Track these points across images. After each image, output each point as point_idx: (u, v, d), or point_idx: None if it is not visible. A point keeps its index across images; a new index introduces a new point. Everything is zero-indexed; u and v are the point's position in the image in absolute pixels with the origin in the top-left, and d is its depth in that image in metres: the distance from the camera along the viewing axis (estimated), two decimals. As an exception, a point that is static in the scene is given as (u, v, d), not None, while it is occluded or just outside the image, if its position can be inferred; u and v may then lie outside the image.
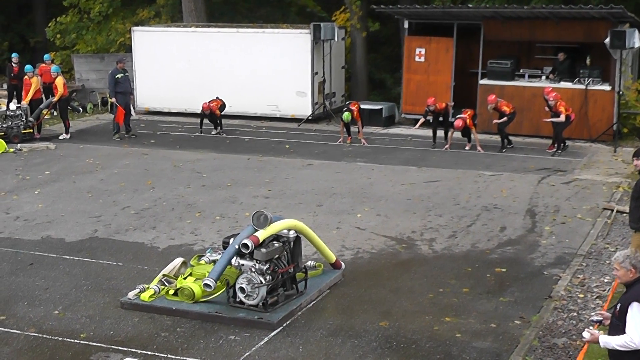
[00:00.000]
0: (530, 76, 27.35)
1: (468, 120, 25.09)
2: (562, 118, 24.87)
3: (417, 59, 28.68)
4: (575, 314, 13.30)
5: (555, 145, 25.73)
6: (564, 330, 12.60)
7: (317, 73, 30.12)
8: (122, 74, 27.25)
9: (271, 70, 30.47)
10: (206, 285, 13.22)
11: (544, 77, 27.33)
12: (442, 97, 28.08)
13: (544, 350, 11.89)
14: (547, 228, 17.79)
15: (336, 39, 31.06)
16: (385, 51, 33.05)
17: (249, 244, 12.96)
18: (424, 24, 28.98)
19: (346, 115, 25.63)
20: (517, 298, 13.94)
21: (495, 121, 25.37)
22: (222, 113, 28.23)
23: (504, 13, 27.37)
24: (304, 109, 30.23)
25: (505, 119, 25.31)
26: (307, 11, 36.11)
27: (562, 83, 27.49)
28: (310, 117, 30.24)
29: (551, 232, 17.55)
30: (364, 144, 26.34)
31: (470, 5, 29.10)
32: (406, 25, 29.02)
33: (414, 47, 28.77)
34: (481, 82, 27.40)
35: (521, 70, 27.57)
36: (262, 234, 13.24)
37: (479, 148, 25.48)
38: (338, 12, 33.62)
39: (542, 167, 23.57)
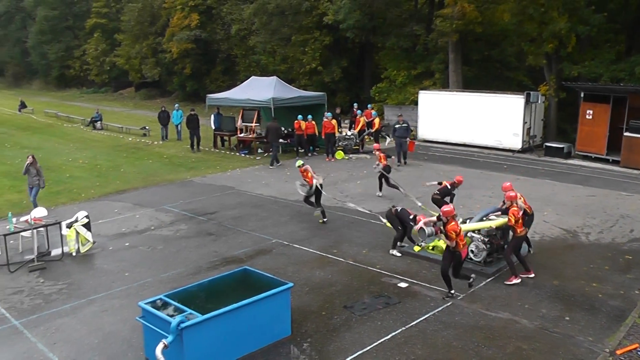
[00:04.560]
0: (656, 131, 25.50)
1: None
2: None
3: (587, 116, 27.28)
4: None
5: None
6: (666, 299, 11.98)
7: (526, 122, 29.21)
8: (400, 125, 26.58)
9: (498, 119, 29.69)
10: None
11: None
12: (600, 142, 26.76)
13: (651, 312, 11.42)
14: (660, 232, 16.71)
15: (539, 102, 29.97)
16: (568, 110, 31.63)
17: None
18: (592, 94, 27.57)
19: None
20: (637, 276, 13.40)
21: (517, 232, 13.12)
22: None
23: (643, 90, 25.89)
24: (516, 144, 29.26)
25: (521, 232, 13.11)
26: (522, 84, 35.08)
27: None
28: (520, 150, 29.19)
29: (662, 234, 16.46)
30: None
31: (621, 84, 27.43)
32: (582, 95, 27.72)
33: (586, 109, 27.37)
34: (625, 134, 25.70)
35: (650, 127, 25.79)
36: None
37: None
38: (542, 85, 32.38)
39: (661, 190, 21.77)
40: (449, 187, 17.13)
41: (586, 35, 29.76)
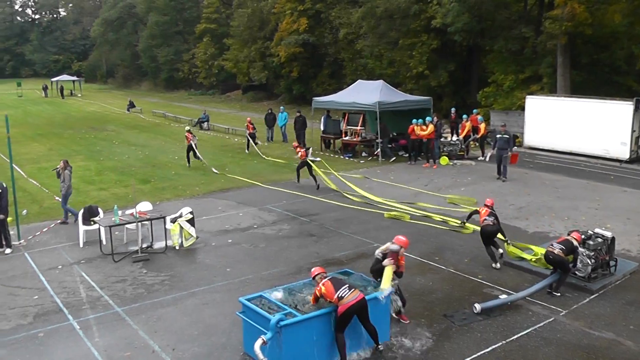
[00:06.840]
0: None
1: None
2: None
3: (694, 124, 25.97)
4: None
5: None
6: None
7: (634, 131, 27.72)
8: (501, 135, 24.61)
9: (606, 127, 28.32)
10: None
11: None
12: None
13: None
14: None
15: (649, 108, 28.59)
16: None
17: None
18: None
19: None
20: None
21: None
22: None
23: None
24: (624, 153, 27.78)
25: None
26: (632, 89, 33.59)
27: None
28: (627, 160, 27.69)
29: None
30: None
31: None
32: (690, 102, 26.35)
33: (697, 117, 26.08)
34: None
35: None
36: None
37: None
38: (652, 91, 31.08)
39: None
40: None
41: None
